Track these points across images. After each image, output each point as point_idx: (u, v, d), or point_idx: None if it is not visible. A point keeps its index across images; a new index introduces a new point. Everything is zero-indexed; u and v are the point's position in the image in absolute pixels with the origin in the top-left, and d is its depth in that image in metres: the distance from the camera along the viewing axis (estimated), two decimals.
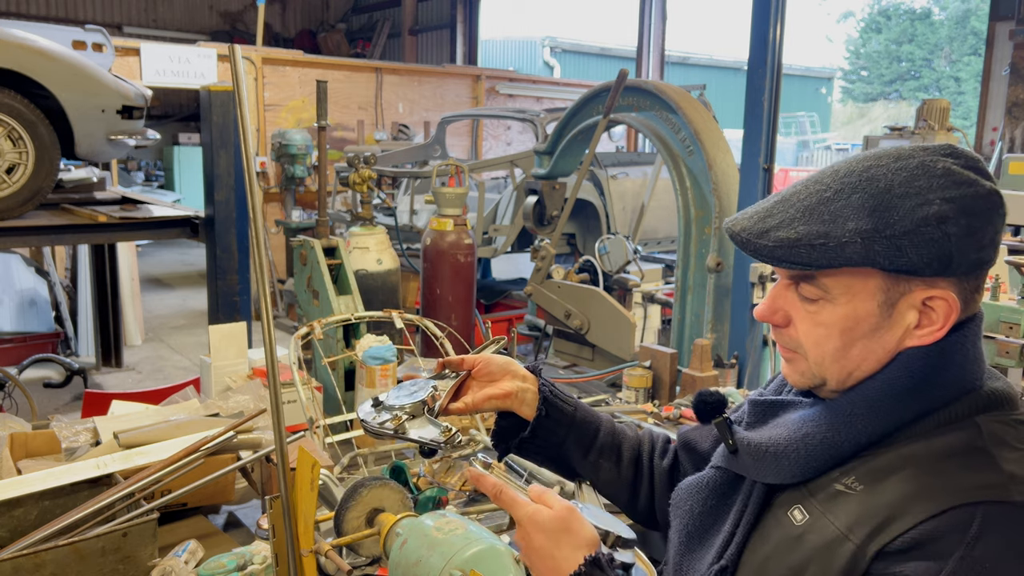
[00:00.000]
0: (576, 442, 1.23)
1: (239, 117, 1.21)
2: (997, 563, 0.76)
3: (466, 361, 1.25)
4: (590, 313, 3.30)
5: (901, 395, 0.87)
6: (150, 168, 14.81)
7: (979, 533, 0.77)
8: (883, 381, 0.88)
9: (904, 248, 0.82)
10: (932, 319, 0.86)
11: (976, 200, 0.83)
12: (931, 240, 0.81)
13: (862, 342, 0.88)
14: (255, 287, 4.81)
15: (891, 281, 0.85)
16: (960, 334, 0.87)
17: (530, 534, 0.99)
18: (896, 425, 0.87)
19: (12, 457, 1.93)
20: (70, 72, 3.83)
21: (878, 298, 0.86)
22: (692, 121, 3.33)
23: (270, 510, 1.37)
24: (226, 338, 2.62)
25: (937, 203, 0.82)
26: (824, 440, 0.89)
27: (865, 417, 0.88)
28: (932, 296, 0.85)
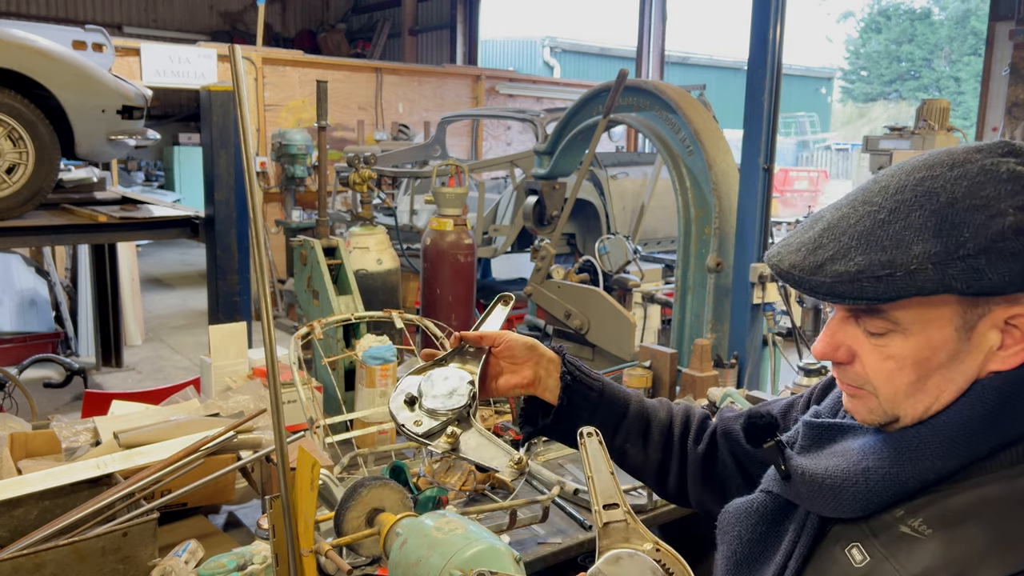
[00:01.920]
0: (600, 428, 1.11)
1: (239, 117, 1.21)
2: None
3: (485, 338, 1.19)
4: (590, 313, 3.30)
5: (976, 427, 0.78)
6: (150, 168, 14.82)
7: None
8: (957, 412, 0.79)
9: (982, 269, 0.72)
10: (1016, 338, 0.77)
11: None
12: (1011, 254, 0.72)
13: (939, 372, 0.79)
14: (255, 287, 4.81)
15: (968, 304, 0.76)
16: None
17: None
18: (970, 460, 0.78)
19: (12, 457, 1.93)
20: (70, 72, 3.83)
21: (955, 323, 0.77)
22: (692, 121, 3.33)
23: (270, 510, 1.37)
24: (226, 338, 2.62)
25: (1012, 212, 0.72)
26: (887, 476, 0.81)
27: (935, 453, 0.79)
28: (1016, 314, 0.76)
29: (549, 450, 2.39)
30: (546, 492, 1.97)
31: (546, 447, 2.43)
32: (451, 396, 1.12)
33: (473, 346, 1.19)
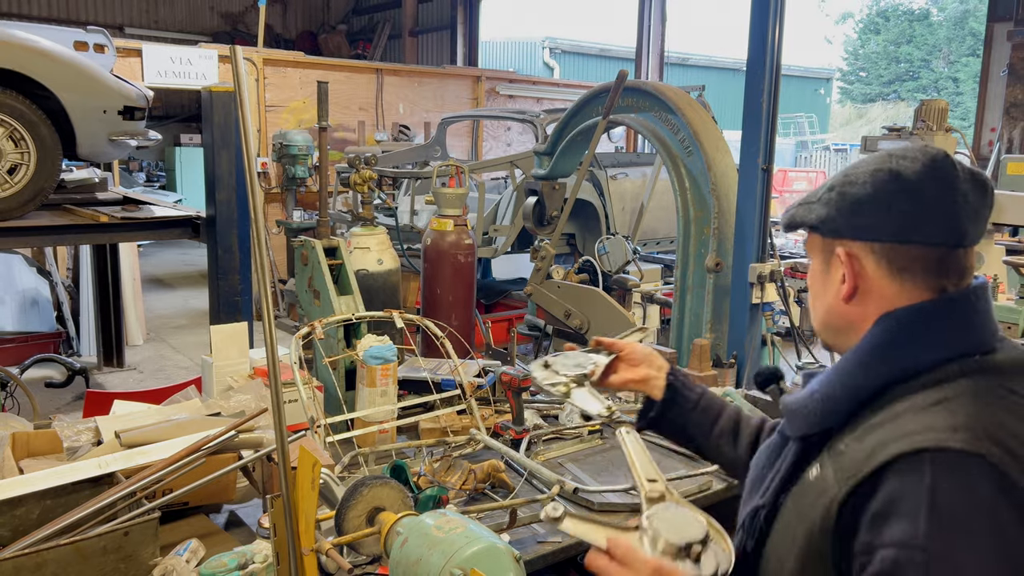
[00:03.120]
0: (697, 425, 1.42)
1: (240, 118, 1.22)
2: (956, 507, 0.84)
3: (616, 344, 1.51)
4: (590, 313, 3.31)
5: (880, 349, 1.00)
6: (152, 169, 14.83)
7: (933, 483, 0.86)
8: (868, 338, 1.02)
9: (831, 210, 1.06)
10: (849, 275, 1.04)
11: (890, 177, 1.01)
12: (849, 209, 1.04)
13: (819, 292, 1.11)
14: (256, 287, 4.82)
15: (825, 240, 1.09)
16: (927, 312, 0.99)
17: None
18: (884, 381, 0.98)
19: (14, 456, 1.93)
20: (72, 73, 3.84)
21: (819, 251, 1.11)
22: (691, 122, 3.34)
23: (271, 509, 1.38)
24: (227, 338, 2.63)
25: (861, 178, 1.03)
26: (825, 395, 1.03)
27: (854, 372, 1.01)
28: (850, 254, 1.04)
29: (549, 449, 2.40)
30: (546, 491, 1.98)
31: (546, 447, 2.44)
32: (575, 368, 1.52)
33: (606, 349, 1.53)
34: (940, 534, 0.84)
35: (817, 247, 1.09)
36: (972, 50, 25.60)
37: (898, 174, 0.99)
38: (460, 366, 2.54)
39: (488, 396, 2.63)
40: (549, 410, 2.71)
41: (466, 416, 2.46)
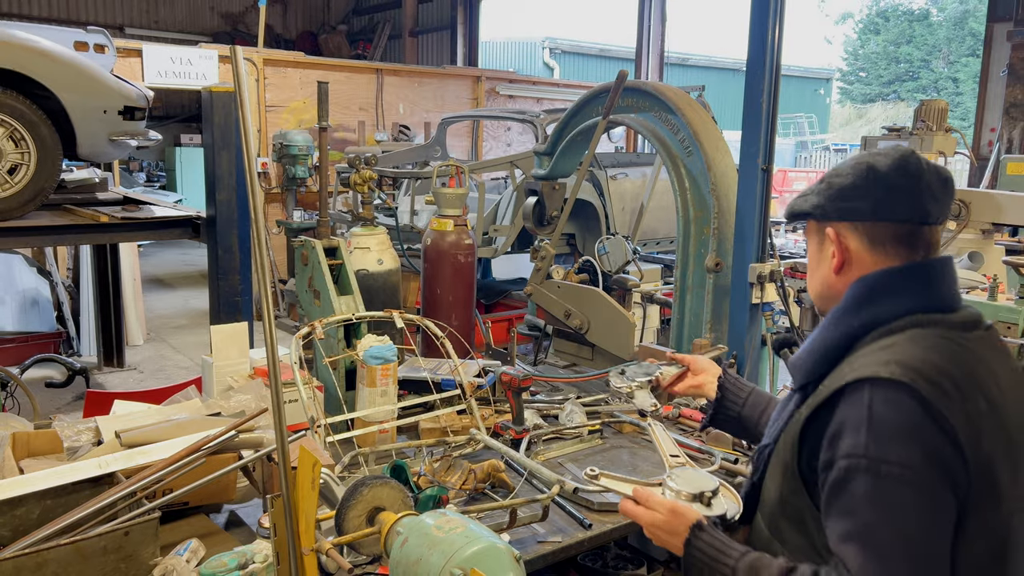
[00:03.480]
0: (748, 418, 1.67)
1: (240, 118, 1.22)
2: (890, 422, 1.09)
3: (685, 359, 1.87)
4: (590, 313, 3.30)
5: (849, 308, 1.24)
6: (152, 169, 14.83)
7: (872, 403, 1.10)
8: (839, 305, 1.26)
9: (821, 199, 1.30)
10: (837, 249, 1.28)
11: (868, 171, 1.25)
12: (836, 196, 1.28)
13: (816, 269, 1.34)
14: (256, 287, 4.82)
15: (819, 223, 1.32)
16: (894, 273, 1.22)
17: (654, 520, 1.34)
18: (854, 332, 1.22)
19: (14, 456, 1.93)
20: (72, 73, 3.84)
21: (815, 234, 1.34)
22: (691, 122, 3.34)
23: (271, 509, 1.38)
24: (228, 338, 2.63)
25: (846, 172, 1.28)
26: (810, 350, 1.28)
27: (830, 327, 1.26)
28: (838, 234, 1.27)
29: (549, 449, 2.40)
30: (546, 491, 1.98)
31: (546, 446, 2.44)
32: (643, 375, 1.90)
33: (678, 362, 1.90)
34: (876, 443, 1.08)
35: (813, 230, 1.33)
36: (972, 50, 25.59)
37: (873, 167, 1.23)
38: (460, 366, 2.55)
39: (488, 396, 2.63)
40: (549, 410, 2.71)
41: (466, 416, 2.46)
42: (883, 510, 1.07)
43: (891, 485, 1.07)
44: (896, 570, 1.06)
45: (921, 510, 1.07)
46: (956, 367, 1.13)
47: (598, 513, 2.04)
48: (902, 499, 1.07)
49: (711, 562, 1.24)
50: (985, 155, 7.47)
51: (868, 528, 1.08)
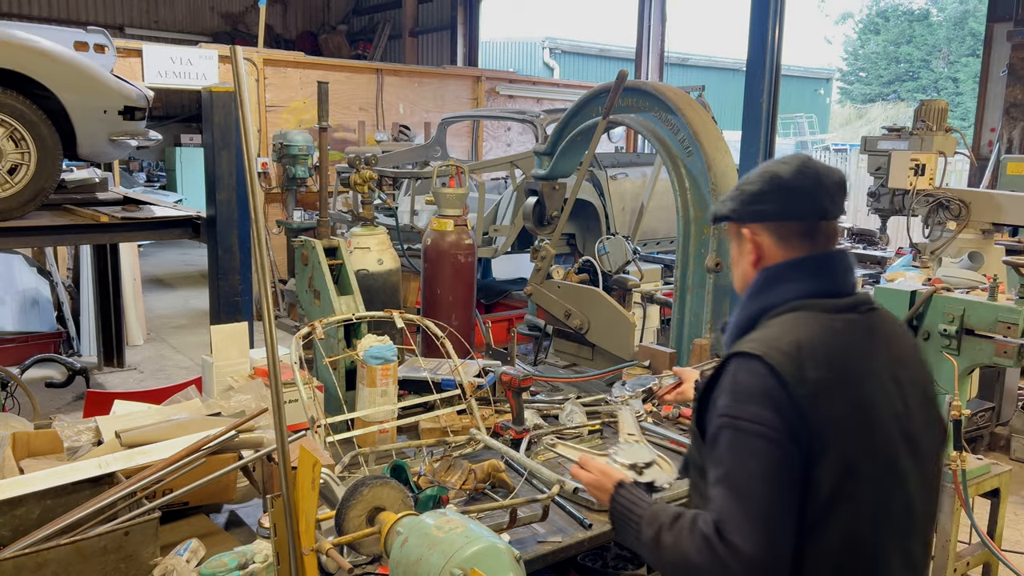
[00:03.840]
0: None
1: (240, 118, 1.22)
2: (742, 387, 1.31)
3: (678, 371, 2.16)
4: (590, 313, 3.30)
5: (756, 291, 1.45)
6: (152, 169, 14.83)
7: (734, 374, 1.34)
8: (746, 292, 1.48)
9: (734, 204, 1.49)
10: (752, 246, 1.47)
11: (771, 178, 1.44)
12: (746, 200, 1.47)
13: (737, 264, 1.53)
14: (256, 287, 4.82)
15: (736, 225, 1.50)
16: (789, 266, 1.42)
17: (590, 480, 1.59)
18: (755, 315, 1.43)
19: (14, 456, 1.93)
20: (72, 73, 3.84)
21: (735, 235, 1.51)
22: (691, 122, 3.34)
23: (271, 509, 1.38)
24: (228, 338, 2.63)
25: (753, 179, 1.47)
26: (729, 332, 1.50)
27: (739, 311, 1.48)
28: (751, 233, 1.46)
29: (549, 449, 2.40)
30: (546, 491, 1.98)
31: (547, 446, 2.44)
32: (641, 387, 2.31)
33: (675, 375, 2.18)
34: (736, 403, 1.31)
35: (733, 231, 1.51)
36: (972, 50, 25.58)
37: (777, 174, 1.42)
38: (460, 366, 2.55)
39: (488, 396, 2.63)
40: (549, 410, 2.71)
41: (466, 416, 2.46)
42: (739, 458, 1.29)
43: (746, 437, 1.29)
44: (747, 507, 1.26)
45: (770, 457, 1.27)
46: (815, 342, 1.33)
47: (598, 513, 2.04)
48: (755, 448, 1.28)
49: (626, 513, 1.47)
50: (985, 155, 7.46)
51: (729, 473, 1.30)
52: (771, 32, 2.99)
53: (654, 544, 1.38)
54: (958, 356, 2.66)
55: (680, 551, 1.32)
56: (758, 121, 3.01)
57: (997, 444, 4.74)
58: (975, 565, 2.79)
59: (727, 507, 1.27)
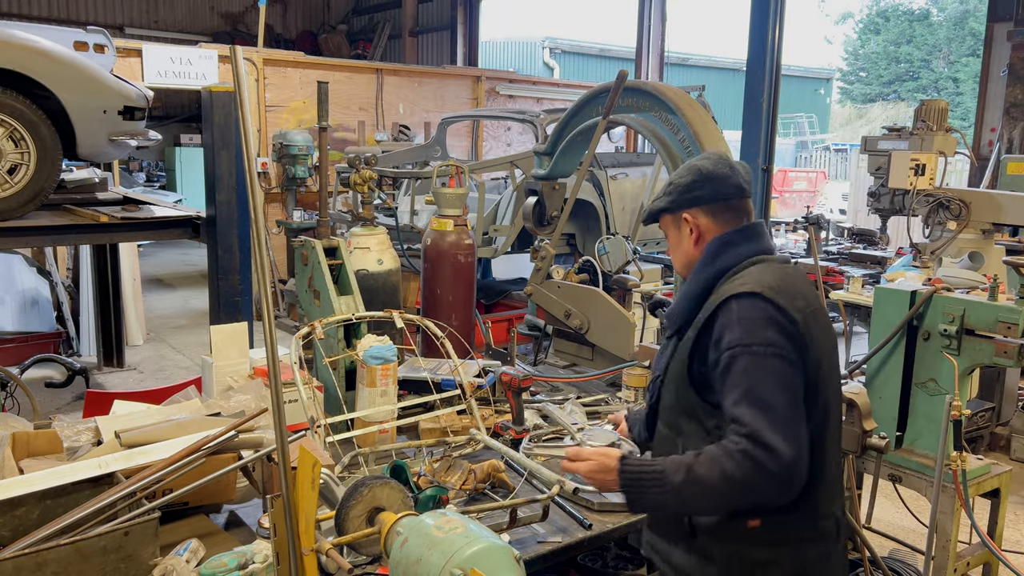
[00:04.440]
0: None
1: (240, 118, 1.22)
2: (750, 319, 1.56)
3: (612, 419, 2.34)
4: (590, 313, 3.30)
5: (707, 261, 1.71)
6: (152, 169, 14.83)
7: (736, 310, 1.58)
8: (700, 259, 1.73)
9: (666, 200, 1.78)
10: (693, 228, 1.76)
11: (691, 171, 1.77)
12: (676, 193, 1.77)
13: (679, 248, 1.80)
14: (256, 287, 4.81)
15: (673, 215, 1.78)
16: (735, 232, 1.72)
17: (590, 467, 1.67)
18: (713, 276, 1.68)
19: (14, 456, 1.93)
20: (72, 73, 3.84)
21: (672, 224, 1.80)
22: (691, 122, 3.34)
23: (271, 509, 1.38)
24: (228, 338, 2.63)
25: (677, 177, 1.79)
26: (681, 301, 1.74)
27: (696, 278, 1.71)
28: (687, 217, 1.76)
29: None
30: (546, 491, 1.98)
31: (547, 446, 2.43)
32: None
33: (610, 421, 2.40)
34: (746, 331, 1.54)
35: (669, 223, 1.80)
36: (972, 50, 25.57)
37: (701, 167, 1.75)
38: (460, 366, 2.54)
39: (488, 396, 2.63)
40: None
41: (466, 416, 2.46)
42: (759, 376, 1.51)
43: (763, 359, 1.52)
44: (775, 414, 1.48)
45: (785, 372, 1.53)
46: (784, 282, 1.63)
47: (598, 513, 2.04)
48: (771, 367, 1.52)
49: (642, 476, 1.58)
50: (985, 155, 7.46)
51: (750, 390, 1.51)
52: (771, 32, 2.98)
53: (689, 483, 1.51)
54: (958, 356, 2.65)
55: (719, 475, 1.48)
56: (758, 121, 3.01)
57: (997, 444, 4.74)
58: (975, 565, 2.79)
59: (757, 419, 1.48)
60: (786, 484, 1.49)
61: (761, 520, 1.58)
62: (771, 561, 1.59)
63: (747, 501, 1.52)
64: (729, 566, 1.60)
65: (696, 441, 1.62)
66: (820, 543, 1.64)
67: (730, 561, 1.60)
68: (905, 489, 2.83)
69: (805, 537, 1.62)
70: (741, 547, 1.59)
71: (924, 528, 2.76)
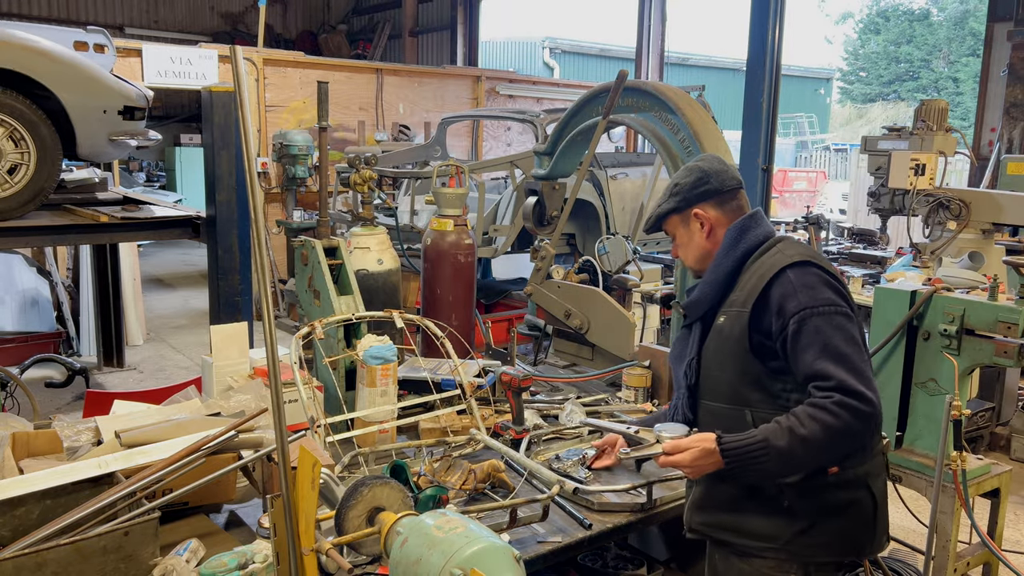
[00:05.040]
0: None
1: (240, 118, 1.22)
2: (809, 285, 1.70)
3: (598, 445, 2.31)
4: (590, 313, 3.30)
5: (728, 248, 1.85)
6: (152, 169, 14.82)
7: (793, 279, 1.71)
8: (720, 249, 1.87)
9: (671, 201, 1.92)
10: (705, 221, 1.90)
11: (690, 170, 1.93)
12: (679, 194, 1.92)
13: (691, 245, 1.93)
14: (256, 287, 4.81)
15: (682, 216, 1.93)
16: (747, 218, 1.87)
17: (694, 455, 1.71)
18: (740, 258, 1.82)
19: (14, 456, 1.93)
20: (72, 73, 3.84)
21: (680, 224, 1.94)
22: (691, 122, 3.34)
23: (271, 509, 1.38)
24: (228, 338, 2.63)
25: (678, 179, 1.95)
26: (706, 288, 1.85)
27: (722, 263, 1.84)
28: (697, 212, 1.90)
29: (549, 449, 2.40)
30: (546, 491, 1.98)
31: (546, 446, 2.44)
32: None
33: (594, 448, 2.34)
34: (808, 297, 1.68)
35: (677, 223, 1.94)
36: (972, 50, 25.57)
37: (700, 167, 1.92)
38: (460, 366, 2.54)
39: (488, 396, 2.63)
40: (549, 410, 2.71)
41: (466, 416, 2.46)
42: (829, 332, 1.65)
43: (830, 317, 1.67)
44: (852, 363, 1.63)
45: (848, 325, 1.68)
46: (816, 253, 1.79)
47: (598, 513, 2.04)
48: (839, 323, 1.67)
49: (746, 449, 1.66)
50: (985, 155, 7.46)
51: (827, 346, 1.64)
52: (771, 32, 2.98)
53: (797, 442, 1.61)
54: (958, 356, 2.65)
55: (822, 428, 1.60)
56: (758, 121, 3.01)
57: (997, 444, 4.74)
58: (975, 565, 2.79)
59: (840, 371, 1.61)
60: (878, 424, 1.66)
61: (839, 466, 1.70)
62: (852, 501, 1.72)
63: (850, 447, 1.67)
64: (816, 516, 1.70)
65: (767, 408, 1.73)
66: (882, 475, 1.81)
67: (817, 512, 1.70)
68: (905, 489, 2.83)
69: (872, 472, 1.76)
70: (825, 495, 1.70)
71: (924, 528, 2.76)
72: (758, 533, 1.74)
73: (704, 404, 1.86)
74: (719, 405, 1.82)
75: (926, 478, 2.72)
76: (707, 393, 1.85)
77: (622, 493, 2.09)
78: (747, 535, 1.76)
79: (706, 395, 1.85)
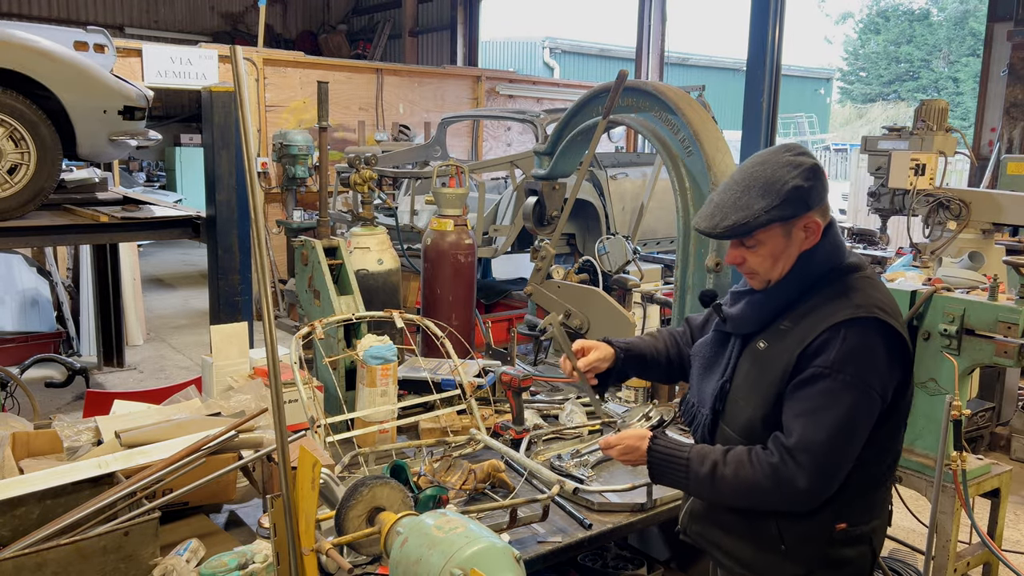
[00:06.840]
0: (632, 370, 1.98)
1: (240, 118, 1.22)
2: (856, 348, 1.54)
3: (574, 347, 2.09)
4: (590, 313, 3.30)
5: (800, 270, 1.64)
6: (152, 169, 14.82)
7: (845, 336, 1.55)
8: (793, 269, 1.65)
9: (784, 207, 1.58)
10: (809, 232, 1.63)
11: (808, 171, 1.60)
12: (793, 199, 1.58)
13: (783, 257, 1.65)
14: (256, 287, 4.81)
15: (785, 224, 1.61)
16: (824, 239, 1.64)
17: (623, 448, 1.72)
18: (801, 289, 1.64)
19: (14, 456, 1.93)
20: (72, 73, 3.84)
21: (782, 234, 1.63)
22: (691, 122, 3.34)
23: (271, 509, 1.38)
24: (228, 338, 2.63)
25: (790, 180, 1.59)
26: (760, 305, 1.68)
27: (788, 286, 1.65)
28: (807, 223, 1.62)
29: (549, 449, 2.40)
30: (546, 491, 1.98)
31: (546, 446, 2.44)
32: None
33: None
34: (847, 357, 1.53)
35: (777, 232, 1.63)
36: (972, 50, 25.56)
37: (799, 163, 1.62)
38: (460, 366, 2.54)
39: (488, 396, 2.63)
40: (549, 410, 2.71)
41: (466, 416, 2.46)
42: (835, 406, 1.53)
43: (842, 387, 1.53)
44: (824, 441, 1.52)
45: (858, 406, 1.53)
46: (889, 299, 1.63)
47: (598, 513, 2.04)
48: (852, 401, 1.53)
49: (669, 457, 1.66)
50: (985, 155, 7.46)
51: (815, 411, 1.53)
52: (771, 32, 2.98)
53: (709, 477, 1.60)
54: (958, 356, 2.65)
55: (744, 481, 1.56)
56: (758, 121, 3.01)
57: (997, 444, 4.74)
58: (975, 565, 2.79)
59: (805, 440, 1.53)
60: (799, 506, 1.57)
61: (847, 523, 1.63)
62: (854, 558, 1.65)
63: (762, 508, 1.62)
64: (814, 566, 1.63)
65: None
66: (886, 526, 1.76)
67: (817, 563, 1.63)
68: (905, 489, 2.83)
69: (878, 528, 1.71)
70: (828, 550, 1.63)
71: (924, 528, 2.76)
72: (750, 564, 1.68)
73: (723, 428, 1.73)
74: (733, 434, 1.69)
75: (926, 478, 2.72)
76: (727, 418, 1.72)
77: (622, 493, 2.09)
78: (741, 564, 1.69)
79: (726, 419, 1.73)
